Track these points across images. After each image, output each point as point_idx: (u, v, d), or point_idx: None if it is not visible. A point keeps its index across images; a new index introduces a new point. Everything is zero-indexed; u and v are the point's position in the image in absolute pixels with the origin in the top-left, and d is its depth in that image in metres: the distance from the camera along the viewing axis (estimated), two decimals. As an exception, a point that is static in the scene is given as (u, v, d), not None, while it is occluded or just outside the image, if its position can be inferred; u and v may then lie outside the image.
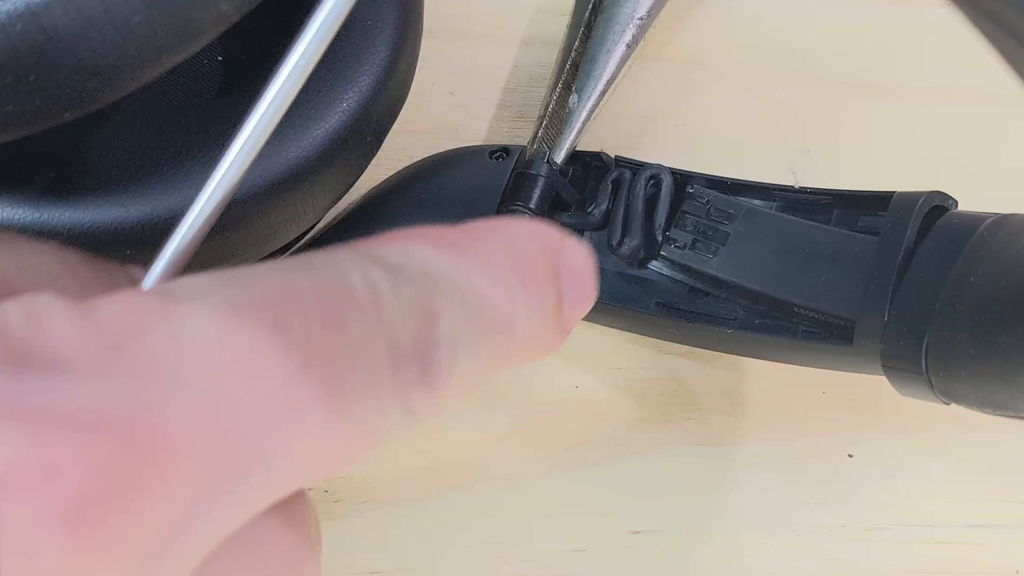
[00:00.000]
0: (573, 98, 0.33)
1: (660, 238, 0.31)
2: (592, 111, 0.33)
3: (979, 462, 0.32)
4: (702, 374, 0.32)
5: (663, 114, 0.38)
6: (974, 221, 0.27)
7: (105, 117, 0.25)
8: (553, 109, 0.33)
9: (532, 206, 0.31)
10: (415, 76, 0.32)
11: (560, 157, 0.32)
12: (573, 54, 0.34)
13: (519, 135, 0.37)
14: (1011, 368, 0.24)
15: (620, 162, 0.32)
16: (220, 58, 0.28)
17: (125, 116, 0.25)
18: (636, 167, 0.32)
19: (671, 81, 0.38)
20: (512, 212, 0.31)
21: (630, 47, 0.34)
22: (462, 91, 0.37)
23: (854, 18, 0.39)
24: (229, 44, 0.29)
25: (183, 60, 0.24)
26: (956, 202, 0.29)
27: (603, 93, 0.34)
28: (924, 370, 0.26)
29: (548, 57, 0.38)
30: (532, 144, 0.33)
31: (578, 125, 0.33)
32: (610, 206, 0.31)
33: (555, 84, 0.34)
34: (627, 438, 0.32)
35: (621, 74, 0.34)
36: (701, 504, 0.31)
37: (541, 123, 0.33)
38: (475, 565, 0.30)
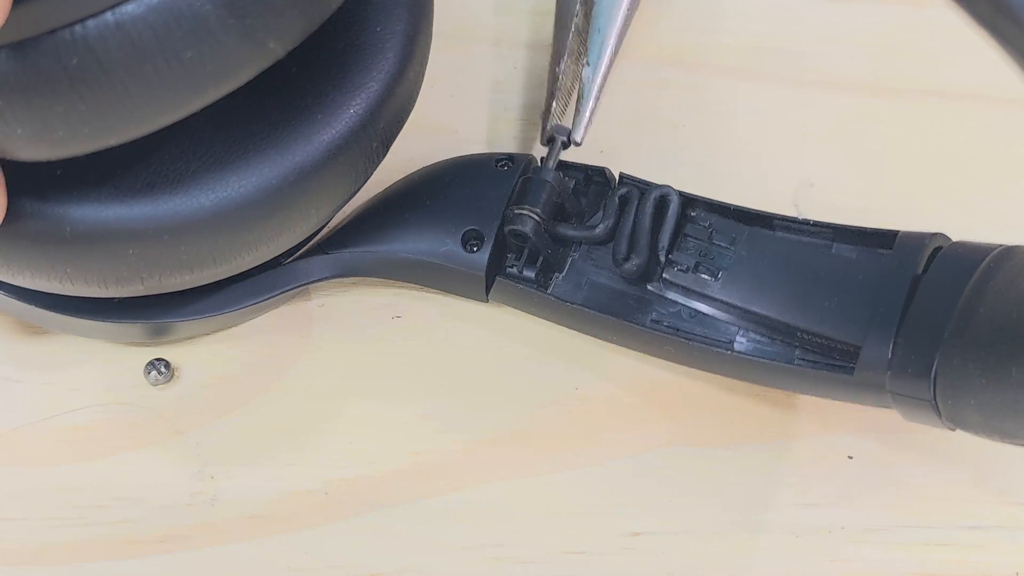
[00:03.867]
0: (587, 71, 0.33)
1: (663, 259, 0.31)
2: (605, 79, 0.33)
3: (979, 464, 0.32)
4: (702, 375, 0.32)
5: (661, 115, 0.38)
6: (980, 252, 0.27)
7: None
8: (564, 83, 0.33)
9: (539, 209, 0.31)
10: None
11: (581, 134, 0.33)
12: (577, 20, 0.34)
13: (520, 137, 0.37)
14: (1023, 400, 0.24)
15: (624, 179, 0.32)
16: None
17: None
18: (643, 186, 0.32)
19: (670, 82, 0.38)
20: (519, 216, 0.31)
21: (631, 7, 0.34)
22: (462, 93, 0.38)
23: (855, 19, 0.39)
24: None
25: (229, 92, 0.24)
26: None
27: (612, 58, 0.34)
28: (932, 397, 0.27)
29: (548, 58, 0.38)
30: (547, 122, 0.33)
31: (593, 97, 0.33)
32: (616, 222, 0.31)
33: (561, 56, 0.34)
34: (627, 438, 0.32)
35: (626, 35, 0.34)
36: (700, 505, 0.31)
37: (553, 100, 0.33)
38: (475, 565, 0.30)
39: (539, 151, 0.34)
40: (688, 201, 0.31)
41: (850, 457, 0.32)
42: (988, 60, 0.20)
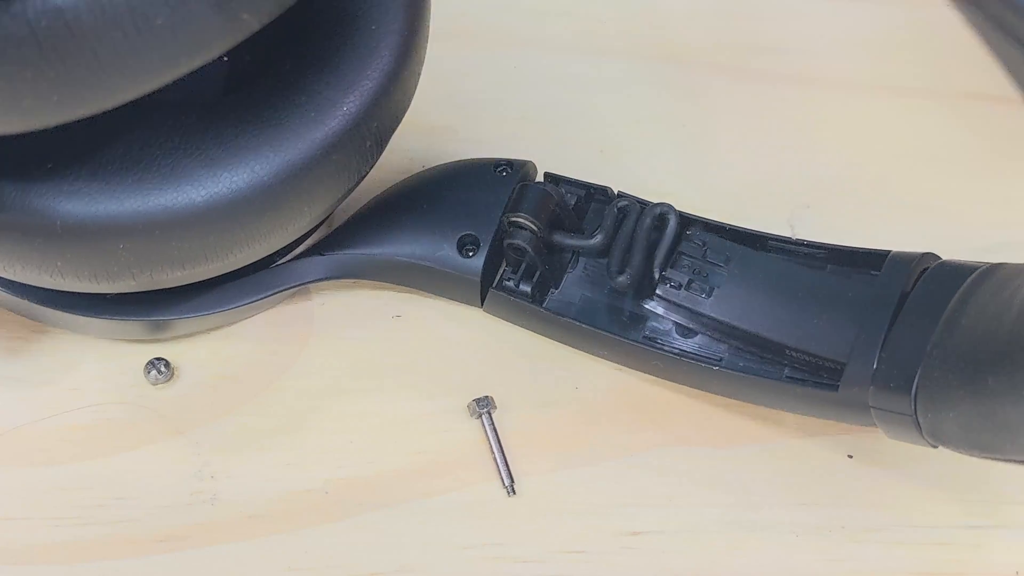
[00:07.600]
0: None
1: (657, 276, 0.31)
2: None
3: (978, 464, 0.32)
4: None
5: (663, 114, 0.38)
6: (965, 269, 0.27)
7: (103, 111, 0.25)
8: None
9: (535, 217, 0.31)
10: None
11: None
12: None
13: (518, 137, 0.37)
14: (999, 410, 0.24)
15: (624, 196, 0.32)
16: (225, 58, 0.28)
17: (123, 111, 0.25)
18: (643, 203, 0.32)
19: (670, 82, 0.38)
20: (515, 223, 0.31)
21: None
22: (461, 92, 0.38)
23: (856, 19, 0.39)
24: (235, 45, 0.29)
25: (201, 65, 0.24)
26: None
27: None
28: (913, 412, 0.27)
29: (548, 58, 0.38)
30: None
31: None
32: (614, 234, 0.31)
33: None
34: (627, 438, 0.32)
35: None
36: (700, 505, 0.31)
37: None
38: (475, 565, 0.30)
39: (538, 155, 0.34)
40: (684, 220, 0.31)
41: (850, 456, 0.32)
42: (988, 60, 0.20)
